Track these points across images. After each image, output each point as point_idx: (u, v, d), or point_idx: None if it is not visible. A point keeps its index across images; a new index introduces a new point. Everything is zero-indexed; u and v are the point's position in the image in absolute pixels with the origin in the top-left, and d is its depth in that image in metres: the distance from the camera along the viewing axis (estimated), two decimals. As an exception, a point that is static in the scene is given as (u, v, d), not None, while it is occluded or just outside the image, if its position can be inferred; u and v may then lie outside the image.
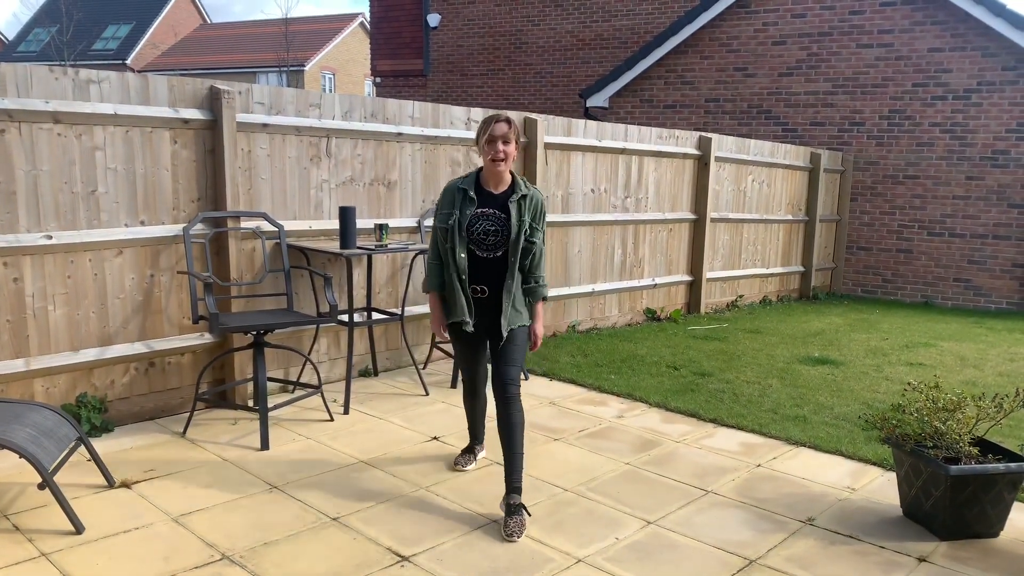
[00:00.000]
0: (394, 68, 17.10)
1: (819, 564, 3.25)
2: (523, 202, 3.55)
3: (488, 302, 3.60)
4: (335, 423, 4.70)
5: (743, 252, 9.31)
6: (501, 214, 3.52)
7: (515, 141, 3.54)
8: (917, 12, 10.15)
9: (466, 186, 3.56)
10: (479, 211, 3.53)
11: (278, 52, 35.10)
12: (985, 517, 3.48)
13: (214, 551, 3.16)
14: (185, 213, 4.63)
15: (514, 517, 3.40)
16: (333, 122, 5.24)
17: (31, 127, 4.01)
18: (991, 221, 9.97)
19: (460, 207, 3.53)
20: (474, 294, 3.58)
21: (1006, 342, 7.83)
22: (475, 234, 3.52)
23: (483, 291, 3.58)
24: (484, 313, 3.61)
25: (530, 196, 3.58)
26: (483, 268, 3.57)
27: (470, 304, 3.57)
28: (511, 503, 3.45)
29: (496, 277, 3.57)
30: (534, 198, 3.59)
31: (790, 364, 6.54)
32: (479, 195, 3.55)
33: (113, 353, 4.41)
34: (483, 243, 3.53)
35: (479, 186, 3.58)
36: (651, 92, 12.26)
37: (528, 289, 3.64)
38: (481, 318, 3.62)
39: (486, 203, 3.54)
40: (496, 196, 3.56)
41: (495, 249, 3.54)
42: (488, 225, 3.52)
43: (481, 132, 3.52)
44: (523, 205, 3.55)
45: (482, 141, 3.52)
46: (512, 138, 3.51)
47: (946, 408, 3.59)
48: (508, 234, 3.50)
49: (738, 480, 4.09)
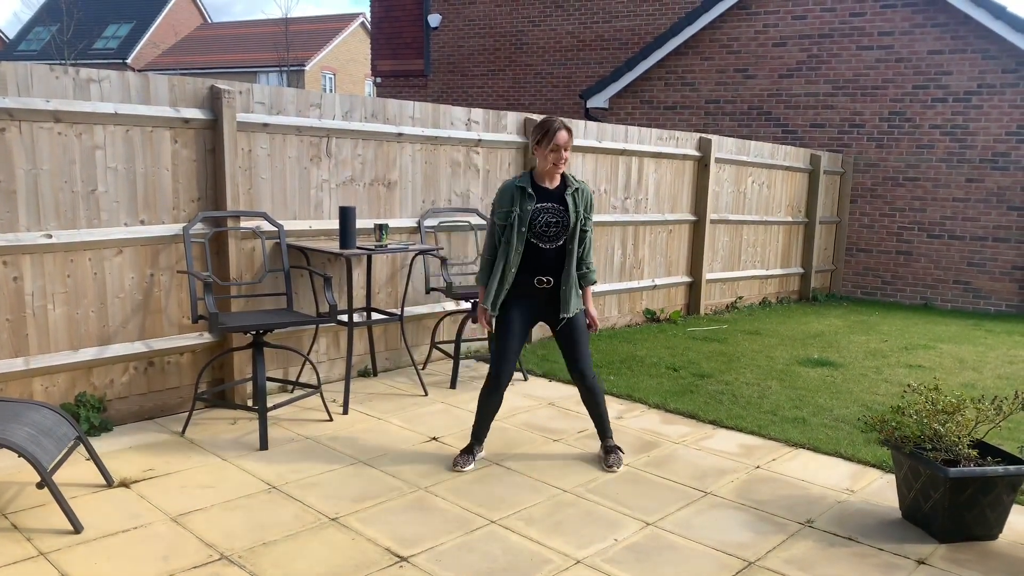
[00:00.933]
0: (395, 68, 17.11)
1: (818, 566, 3.25)
2: (577, 195, 3.95)
3: (551, 291, 3.95)
4: (334, 423, 4.69)
5: (743, 253, 9.31)
6: (559, 206, 3.89)
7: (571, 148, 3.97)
8: (917, 14, 10.15)
9: (524, 184, 3.90)
10: (539, 205, 3.87)
11: (279, 52, 35.10)
12: (984, 519, 3.48)
13: (213, 551, 3.16)
14: (185, 212, 4.63)
15: (612, 454, 4.15)
16: (333, 122, 5.24)
17: (31, 126, 4.01)
18: (991, 223, 9.98)
19: (520, 203, 3.86)
20: (540, 285, 3.92)
21: (1005, 344, 7.83)
22: (538, 227, 3.86)
23: (549, 281, 3.93)
24: (542, 303, 3.98)
25: (582, 189, 3.98)
26: (545, 259, 3.91)
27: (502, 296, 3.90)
28: (607, 445, 4.19)
29: (557, 266, 3.93)
30: (585, 191, 4.00)
31: (789, 366, 6.54)
32: (537, 191, 3.90)
33: (112, 352, 4.41)
34: (545, 235, 3.88)
35: (535, 183, 3.93)
36: (651, 93, 12.26)
37: (581, 275, 4.02)
38: (537, 308, 3.99)
39: (544, 198, 3.90)
40: (552, 191, 3.93)
41: (555, 240, 3.90)
42: (549, 217, 3.87)
43: (543, 138, 3.85)
44: (578, 197, 3.94)
45: (544, 146, 3.85)
46: (569, 145, 3.90)
47: (945, 410, 3.59)
48: (567, 224, 3.88)
49: (737, 482, 4.09)
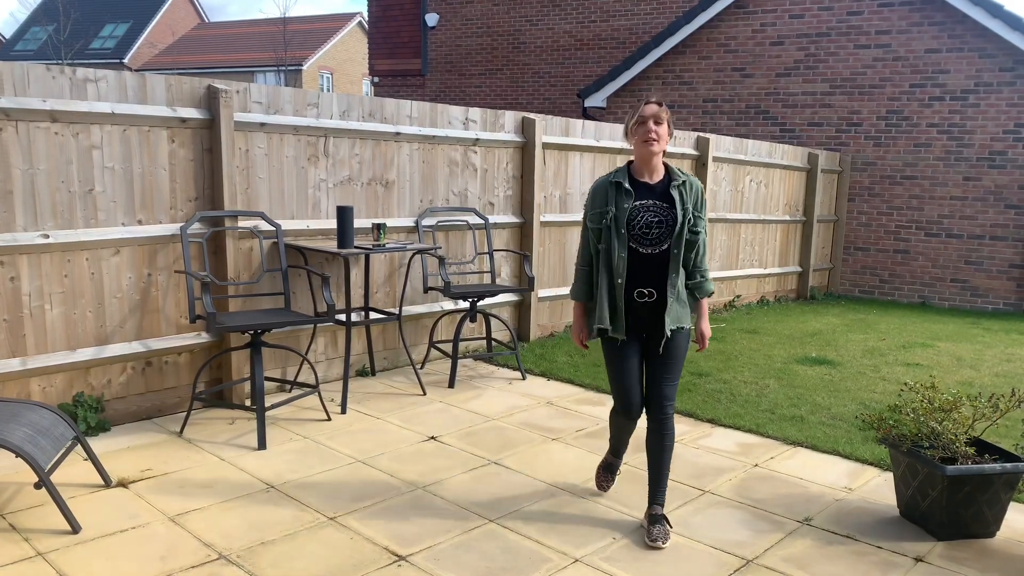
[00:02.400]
0: (392, 68, 17.09)
1: (816, 564, 3.25)
2: (684, 188, 3.28)
3: (655, 305, 3.30)
4: (332, 423, 4.69)
5: (741, 252, 9.31)
6: (663, 204, 3.25)
7: (667, 123, 3.25)
8: (915, 13, 10.16)
9: (619, 179, 3.29)
10: (638, 203, 3.25)
11: (276, 51, 35.08)
12: (982, 517, 3.48)
13: (211, 551, 3.15)
14: (183, 212, 4.63)
15: (658, 525, 3.38)
16: (331, 121, 5.24)
17: (28, 126, 4.00)
18: (988, 222, 9.99)
19: (615, 202, 3.25)
20: (640, 298, 3.28)
21: (1003, 343, 7.84)
22: (637, 228, 3.23)
23: (651, 294, 3.29)
24: (645, 318, 3.32)
25: (690, 182, 3.31)
26: (647, 267, 3.28)
27: (621, 312, 3.29)
28: (654, 513, 3.42)
29: (661, 276, 3.28)
30: (694, 185, 3.32)
31: (787, 364, 6.55)
32: (635, 187, 3.28)
33: (110, 352, 4.41)
34: (646, 238, 3.24)
35: (632, 178, 3.31)
36: (649, 92, 12.25)
37: (694, 285, 3.37)
38: (641, 324, 3.33)
39: (644, 194, 3.27)
40: (653, 186, 3.29)
41: (659, 243, 3.24)
42: (651, 217, 3.23)
43: (630, 118, 3.28)
44: (684, 192, 3.27)
45: (632, 125, 3.27)
46: (664, 119, 3.23)
47: (942, 408, 3.59)
48: (672, 224, 3.23)
49: (735, 480, 4.09)
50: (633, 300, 3.29)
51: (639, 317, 3.32)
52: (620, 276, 3.26)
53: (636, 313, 3.31)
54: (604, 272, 3.30)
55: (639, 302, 3.29)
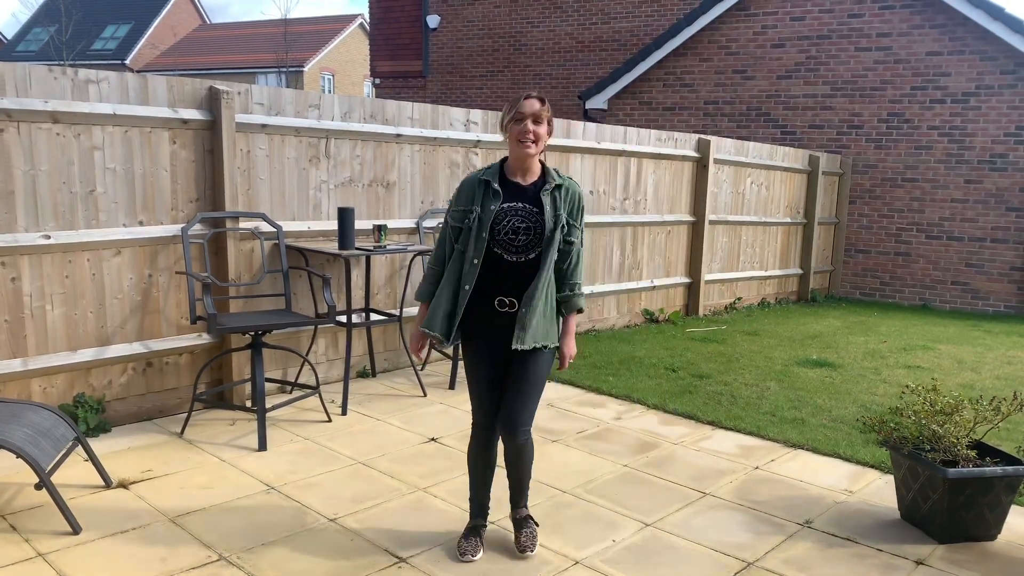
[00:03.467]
0: (393, 69, 17.10)
1: (817, 566, 3.25)
2: (558, 193, 3.03)
3: (515, 316, 3.02)
4: (333, 424, 4.69)
5: (741, 254, 9.31)
6: (532, 208, 2.99)
7: (548, 123, 3.00)
8: (916, 15, 10.16)
9: (488, 177, 3.02)
10: (505, 206, 2.98)
11: (277, 53, 35.09)
12: (983, 520, 3.48)
13: (211, 552, 3.15)
14: (184, 213, 4.63)
15: (525, 529, 3.26)
16: (332, 123, 5.24)
17: (30, 127, 4.00)
18: (989, 224, 9.98)
19: (482, 202, 2.99)
20: (500, 307, 3.02)
21: (1004, 345, 7.83)
22: (501, 233, 2.97)
23: (512, 304, 3.02)
24: (506, 328, 3.03)
25: (566, 187, 3.05)
26: (511, 276, 3.01)
27: (457, 319, 3.02)
28: (518, 516, 3.28)
29: (526, 285, 3.01)
30: (571, 189, 3.06)
31: (788, 366, 6.55)
32: (504, 187, 3.01)
33: (111, 353, 4.41)
34: (511, 244, 2.98)
35: (504, 177, 3.04)
36: (650, 94, 12.26)
37: (563, 298, 3.08)
38: (500, 335, 3.04)
39: (513, 196, 3.00)
40: (525, 188, 3.03)
41: (526, 251, 2.99)
42: (517, 222, 2.97)
43: (507, 111, 2.99)
44: (558, 197, 3.02)
45: (507, 121, 2.99)
46: (544, 117, 2.98)
47: (944, 411, 3.59)
48: (542, 232, 2.98)
49: (736, 482, 4.09)
50: (492, 310, 3.03)
51: (500, 328, 3.03)
52: (468, 283, 2.98)
53: (495, 323, 3.04)
54: (452, 274, 3.03)
55: (500, 311, 3.02)
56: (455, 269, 3.03)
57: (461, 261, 3.02)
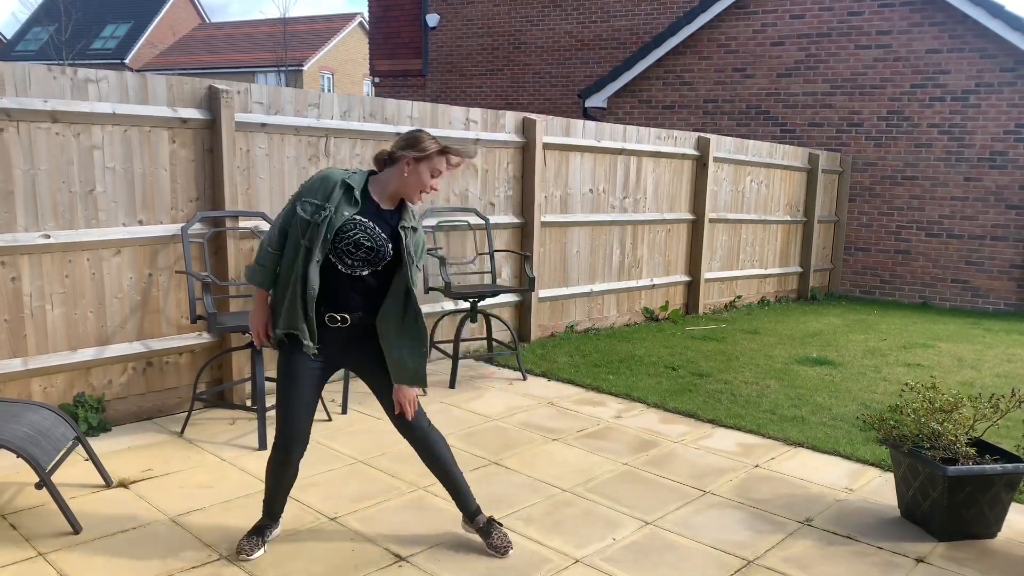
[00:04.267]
0: (393, 68, 17.10)
1: (817, 565, 3.25)
2: (409, 231, 2.98)
3: (348, 332, 2.96)
4: (333, 423, 4.69)
5: (741, 253, 9.31)
6: (381, 233, 2.91)
7: None
8: (915, 13, 10.16)
9: (353, 184, 2.92)
10: (357, 218, 2.89)
11: (277, 52, 35.09)
12: (983, 518, 3.48)
13: (212, 551, 3.15)
14: (183, 213, 4.63)
15: (493, 533, 3.21)
16: (332, 122, 5.24)
17: (29, 126, 4.00)
18: (989, 222, 9.98)
19: (338, 205, 2.87)
20: (332, 323, 2.93)
21: (1003, 343, 7.84)
22: (342, 243, 2.86)
23: (344, 320, 2.94)
24: (337, 342, 2.98)
25: (417, 229, 3.02)
26: (344, 288, 2.93)
27: (314, 323, 2.91)
28: (480, 522, 3.22)
29: (363, 302, 2.95)
30: (419, 232, 3.04)
31: (788, 365, 6.55)
32: (364, 201, 2.93)
33: (111, 353, 4.41)
34: (348, 256, 2.89)
35: (365, 191, 2.96)
36: (650, 93, 12.26)
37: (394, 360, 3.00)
38: (333, 348, 2.98)
39: (368, 214, 2.92)
40: (383, 212, 2.96)
41: (359, 267, 2.91)
42: (363, 238, 2.88)
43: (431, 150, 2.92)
44: (408, 235, 2.97)
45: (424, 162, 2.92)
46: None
47: (943, 409, 3.59)
48: (380, 257, 2.91)
49: (736, 480, 4.09)
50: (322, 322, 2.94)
51: (331, 338, 2.96)
52: (312, 288, 2.86)
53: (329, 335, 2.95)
54: (300, 271, 2.87)
55: (330, 327, 2.94)
56: (302, 266, 2.86)
57: (308, 257, 2.86)
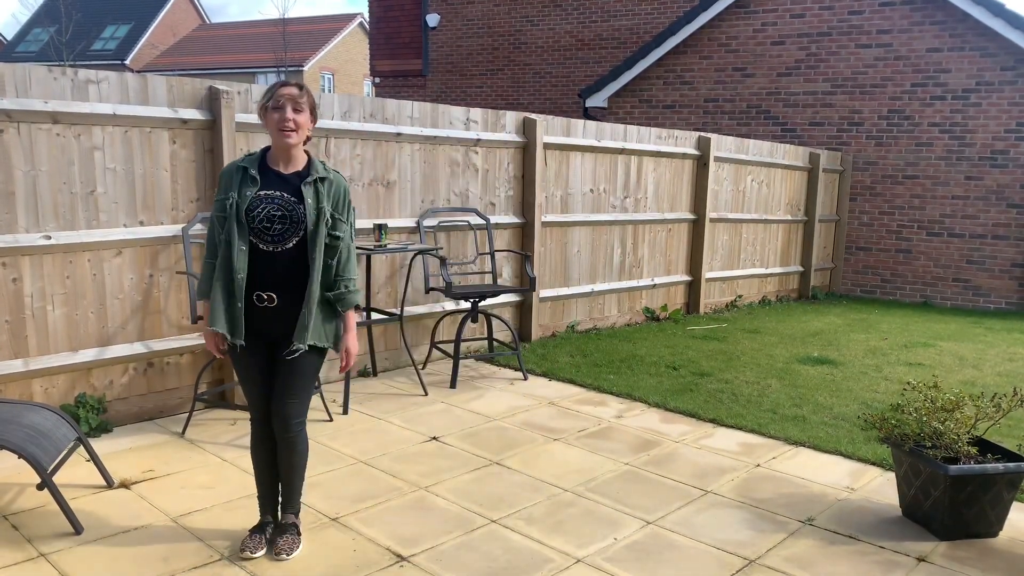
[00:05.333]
0: (393, 68, 17.10)
1: (818, 564, 3.25)
2: (320, 185, 2.97)
3: (277, 312, 2.97)
4: (334, 423, 4.69)
5: (742, 252, 9.31)
6: (291, 197, 2.93)
7: (309, 111, 2.97)
8: (916, 12, 10.15)
9: (247, 164, 2.96)
10: (261, 193, 2.92)
11: (277, 52, 35.10)
12: (984, 517, 3.48)
13: (213, 551, 3.15)
14: (184, 213, 4.63)
15: (286, 535, 3.14)
16: (332, 122, 5.24)
17: (30, 127, 4.00)
18: (990, 221, 9.98)
19: (239, 188, 2.92)
20: (259, 302, 2.95)
21: (1005, 342, 7.83)
22: (255, 221, 2.90)
23: (271, 298, 2.96)
24: (271, 325, 2.99)
25: (330, 180, 3.01)
26: (269, 267, 2.95)
27: (240, 313, 2.94)
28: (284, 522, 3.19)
29: (287, 278, 2.96)
30: (335, 182, 3.03)
31: (789, 364, 6.55)
32: (263, 175, 2.96)
33: (112, 353, 4.41)
34: (266, 232, 2.91)
35: (264, 166, 2.99)
36: (650, 92, 12.26)
37: (337, 296, 3.02)
38: (266, 331, 3.00)
39: (272, 184, 2.95)
40: (286, 177, 2.98)
41: (282, 240, 2.92)
42: (272, 210, 2.91)
43: (265, 98, 2.95)
44: (321, 190, 2.97)
45: (267, 109, 2.94)
46: (305, 106, 2.94)
47: (945, 408, 3.59)
48: (299, 221, 2.92)
49: (737, 480, 4.09)
50: (253, 304, 2.96)
51: (264, 320, 2.98)
52: (241, 272, 2.90)
53: (259, 316, 2.98)
54: (222, 267, 2.93)
55: (259, 307, 2.96)
56: (224, 258, 2.93)
57: (229, 250, 2.92)
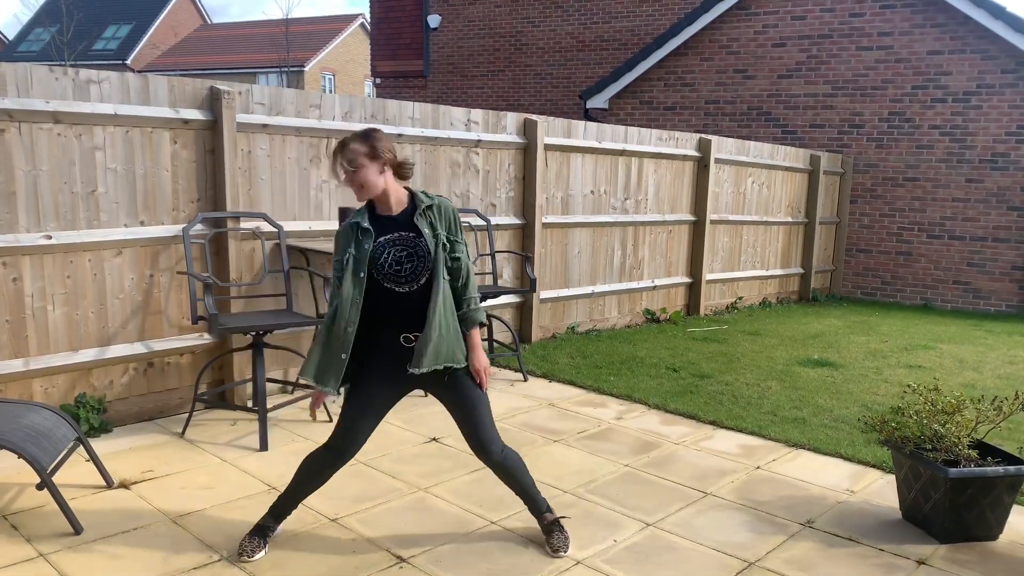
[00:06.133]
0: (394, 69, 17.10)
1: (818, 566, 3.25)
2: (431, 213, 3.00)
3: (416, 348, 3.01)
4: (334, 424, 4.68)
5: (742, 254, 9.31)
6: (409, 234, 2.96)
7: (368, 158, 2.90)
8: (917, 15, 10.15)
9: (358, 219, 2.98)
10: (381, 239, 2.95)
11: (278, 53, 35.11)
12: (984, 520, 3.47)
13: (213, 552, 3.15)
14: (185, 213, 4.63)
15: (555, 533, 3.27)
16: (333, 123, 5.24)
17: (31, 127, 4.00)
18: (990, 224, 9.98)
19: (355, 244, 2.96)
20: (407, 343, 3.00)
21: (1005, 345, 7.83)
22: (385, 267, 2.94)
23: (415, 338, 2.99)
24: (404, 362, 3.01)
25: (437, 205, 3.02)
26: (408, 307, 2.98)
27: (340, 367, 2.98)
28: (546, 521, 3.30)
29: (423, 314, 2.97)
30: (442, 206, 3.03)
31: (789, 366, 6.54)
32: (376, 224, 2.98)
33: (112, 353, 4.41)
34: (398, 275, 2.95)
35: (374, 214, 3.02)
36: (651, 94, 12.26)
37: (462, 316, 3.06)
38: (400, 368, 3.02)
39: (387, 229, 2.97)
40: (397, 218, 2.99)
41: (415, 278, 2.96)
42: (397, 251, 2.95)
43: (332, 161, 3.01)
44: (432, 217, 3.00)
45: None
46: (359, 161, 2.89)
47: (945, 411, 3.59)
48: (424, 255, 2.94)
49: (737, 482, 4.09)
50: (397, 345, 3.01)
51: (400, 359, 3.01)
52: (351, 325, 2.94)
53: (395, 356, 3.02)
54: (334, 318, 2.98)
55: (407, 347, 3.00)
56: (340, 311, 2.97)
57: (342, 303, 2.96)
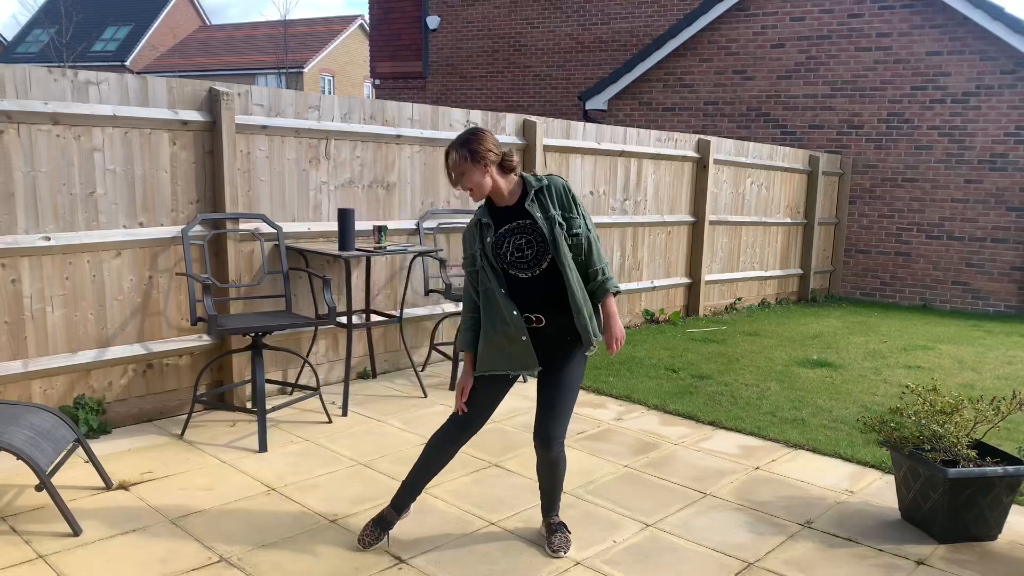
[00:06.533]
0: (393, 70, 17.11)
1: (817, 567, 3.25)
2: (542, 196, 3.07)
3: (544, 331, 3.09)
4: (333, 425, 4.69)
5: (742, 255, 9.31)
6: (525, 222, 3.04)
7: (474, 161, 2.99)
8: (915, 15, 10.16)
9: (479, 216, 3.12)
10: (501, 230, 3.06)
11: (277, 54, 35.09)
12: (983, 520, 3.48)
13: (212, 553, 3.15)
14: (184, 215, 4.63)
15: (558, 534, 3.32)
16: (332, 124, 5.24)
17: (30, 128, 4.00)
18: (989, 224, 9.98)
19: (480, 239, 3.08)
20: (529, 324, 3.06)
21: (1004, 345, 7.83)
22: (508, 256, 3.04)
23: (539, 319, 3.07)
24: (539, 344, 3.09)
25: (546, 185, 3.09)
26: (532, 292, 3.06)
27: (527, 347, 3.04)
28: (552, 522, 3.36)
29: (549, 297, 3.06)
30: (552, 185, 3.09)
31: (788, 367, 6.54)
32: (495, 218, 3.09)
33: (111, 355, 4.41)
34: (520, 262, 3.03)
35: (494, 209, 3.12)
36: (650, 95, 12.27)
37: (593, 287, 3.10)
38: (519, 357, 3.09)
39: (504, 220, 3.08)
40: (513, 208, 3.08)
41: (537, 263, 3.03)
42: (516, 239, 3.04)
43: None
44: (544, 199, 3.07)
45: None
46: (467, 169, 3.00)
47: (944, 411, 3.59)
48: (543, 239, 3.01)
49: (736, 483, 4.09)
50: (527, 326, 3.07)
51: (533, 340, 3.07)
52: (513, 308, 3.02)
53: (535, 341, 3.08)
54: (490, 314, 3.07)
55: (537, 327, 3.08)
56: (490, 308, 3.07)
57: (492, 296, 3.06)
